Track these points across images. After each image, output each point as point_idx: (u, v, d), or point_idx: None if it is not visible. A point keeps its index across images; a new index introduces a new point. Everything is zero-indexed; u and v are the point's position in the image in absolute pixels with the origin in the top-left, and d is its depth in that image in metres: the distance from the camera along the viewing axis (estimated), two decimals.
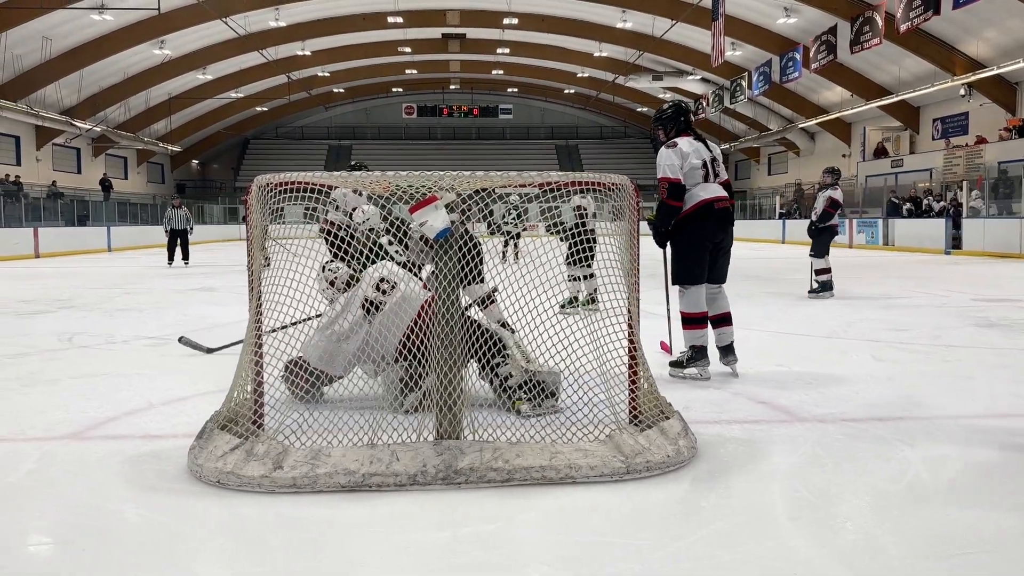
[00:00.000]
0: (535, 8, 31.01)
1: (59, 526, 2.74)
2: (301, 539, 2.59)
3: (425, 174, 3.27)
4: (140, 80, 31.82)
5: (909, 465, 3.24)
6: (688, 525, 2.70)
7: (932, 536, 2.57)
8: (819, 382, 4.81)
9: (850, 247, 23.84)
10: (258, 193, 3.39)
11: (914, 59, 24.71)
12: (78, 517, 2.78)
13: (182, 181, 47.12)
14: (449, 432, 3.29)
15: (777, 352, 5.97)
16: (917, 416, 4.04)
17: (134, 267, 17.61)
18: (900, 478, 3.09)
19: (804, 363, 5.51)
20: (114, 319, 8.23)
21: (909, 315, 8.00)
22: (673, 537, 2.59)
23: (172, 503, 2.90)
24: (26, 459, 3.40)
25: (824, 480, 3.08)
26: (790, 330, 7.24)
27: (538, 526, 2.68)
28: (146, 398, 4.52)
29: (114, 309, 9.11)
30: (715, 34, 24.26)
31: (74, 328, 7.53)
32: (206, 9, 25.43)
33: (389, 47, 37.01)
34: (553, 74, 42.14)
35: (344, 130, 50.45)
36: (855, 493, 2.94)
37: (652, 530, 2.65)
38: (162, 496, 2.96)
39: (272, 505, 2.86)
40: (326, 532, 2.63)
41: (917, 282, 11.62)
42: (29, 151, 30.41)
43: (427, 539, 2.58)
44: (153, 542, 2.58)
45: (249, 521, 2.75)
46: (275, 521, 2.74)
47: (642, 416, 3.50)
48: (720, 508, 2.83)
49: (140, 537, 2.63)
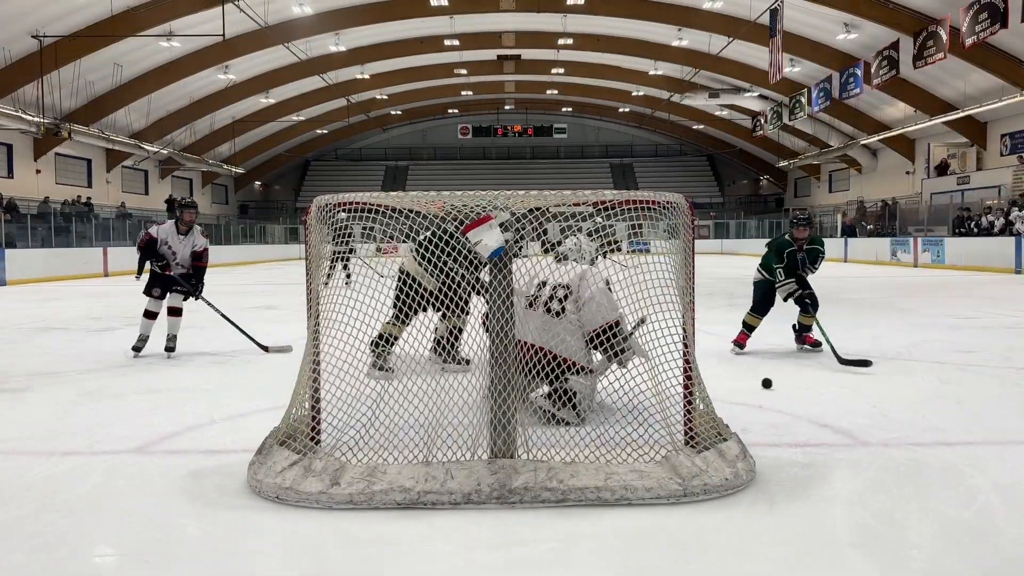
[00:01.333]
0: (590, 28, 31.08)
1: (123, 538, 2.81)
2: (359, 556, 2.61)
3: (479, 193, 3.29)
4: (205, 104, 32.79)
5: (979, 492, 3.12)
6: (747, 550, 2.64)
7: (1004, 567, 2.46)
8: (883, 405, 4.67)
9: (915, 266, 23.21)
10: (317, 213, 3.46)
11: (980, 73, 24.04)
12: (141, 530, 2.85)
13: (245, 202, 48.29)
14: (503, 451, 3.29)
15: (840, 373, 5.83)
16: (987, 441, 3.89)
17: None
18: (969, 505, 2.98)
19: (868, 385, 5.36)
20: (179, 336, 8.43)
21: (978, 336, 7.74)
22: (732, 562, 2.54)
23: (232, 518, 2.95)
24: (93, 472, 3.50)
25: (889, 506, 2.99)
26: (854, 350, 7.07)
27: (594, 548, 2.65)
28: (208, 413, 4.62)
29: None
30: (773, 51, 23.97)
31: None
32: (269, 35, 26.13)
33: (445, 69, 37.48)
34: (608, 93, 42.12)
35: (401, 151, 51.15)
36: (922, 520, 2.85)
37: (711, 554, 2.60)
38: (222, 511, 3.02)
39: (330, 521, 2.89)
40: (383, 549, 2.65)
41: (985, 302, 11.25)
42: (100, 173, 31.56)
43: (483, 558, 2.58)
44: (213, 556, 2.63)
45: (308, 537, 2.78)
46: (333, 537, 2.76)
47: (699, 437, 3.45)
48: (780, 533, 2.77)
49: (200, 551, 2.68)
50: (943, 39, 21.18)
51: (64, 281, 19.31)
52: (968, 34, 19.84)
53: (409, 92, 41.01)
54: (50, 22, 21.71)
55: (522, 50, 35.14)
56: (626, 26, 30.15)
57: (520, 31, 32.50)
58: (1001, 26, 18.63)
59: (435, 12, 27.76)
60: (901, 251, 24.90)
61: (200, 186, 41.79)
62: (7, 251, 18.65)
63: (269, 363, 6.52)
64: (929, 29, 21.88)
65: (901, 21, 23.04)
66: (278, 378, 5.55)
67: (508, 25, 31.95)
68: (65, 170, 29.24)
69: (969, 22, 19.71)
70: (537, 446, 3.36)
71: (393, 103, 42.99)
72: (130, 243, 25.38)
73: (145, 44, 24.95)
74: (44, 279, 19.12)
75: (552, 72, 38.53)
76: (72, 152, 29.28)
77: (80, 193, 28.53)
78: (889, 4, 22.68)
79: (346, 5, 26.89)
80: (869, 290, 14.29)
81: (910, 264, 23.77)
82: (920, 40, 22.29)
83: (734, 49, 28.82)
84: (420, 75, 37.63)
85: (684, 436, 3.50)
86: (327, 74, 33.05)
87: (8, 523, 2.90)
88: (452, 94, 43.86)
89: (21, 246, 20.47)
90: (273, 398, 4.87)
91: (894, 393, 5.05)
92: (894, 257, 25.19)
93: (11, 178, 26.00)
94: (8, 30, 20.94)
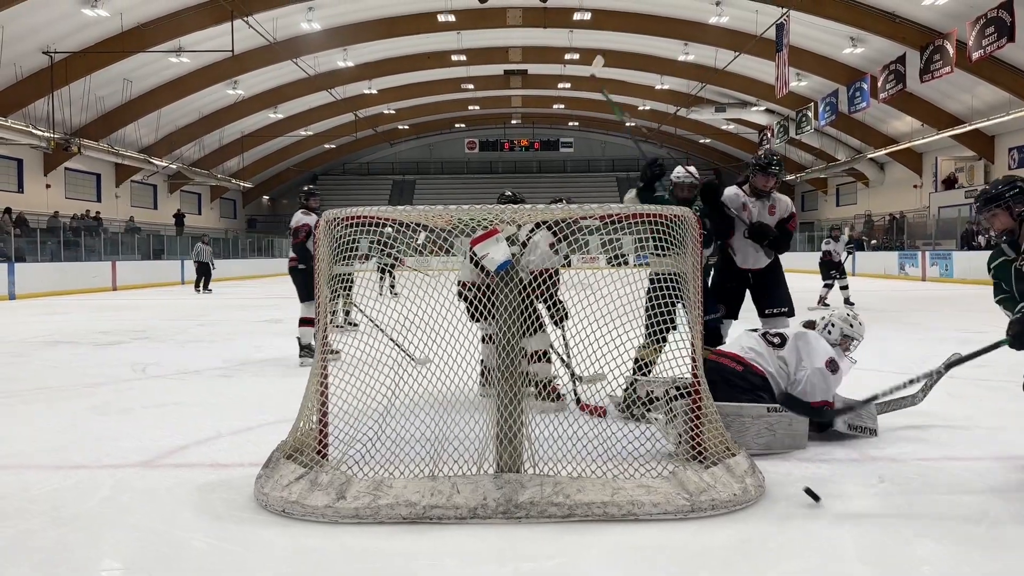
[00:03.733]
0: (596, 43, 31.18)
1: (130, 551, 2.81)
2: (364, 570, 2.60)
3: (487, 207, 3.30)
4: (214, 119, 32.99)
5: (990, 507, 3.10)
6: (756, 566, 2.62)
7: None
8: (892, 419, 4.64)
9: (923, 280, 23.13)
10: (327, 227, 3.47)
11: (988, 87, 24.02)
12: (149, 543, 2.84)
13: (253, 216, 48.47)
14: (509, 465, 3.28)
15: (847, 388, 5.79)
16: (997, 456, 3.86)
17: (205, 299, 18.12)
18: (980, 520, 2.96)
19: None
20: (186, 350, 8.46)
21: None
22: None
23: (239, 532, 2.94)
24: (101, 486, 3.51)
25: (898, 521, 2.97)
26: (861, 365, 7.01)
27: (601, 564, 2.64)
28: (215, 427, 4.63)
29: (186, 340, 9.37)
30: (779, 65, 24.01)
31: (147, 359, 7.76)
32: (278, 51, 26.30)
33: (452, 84, 37.66)
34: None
35: (408, 165, 51.35)
36: (932, 536, 2.82)
37: (718, 571, 2.59)
38: (229, 524, 3.01)
39: (335, 536, 2.88)
40: (389, 564, 2.64)
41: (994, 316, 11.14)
42: (109, 188, 31.74)
43: (489, 573, 2.57)
44: (219, 570, 2.63)
45: (313, 552, 2.77)
46: (339, 552, 2.76)
47: (707, 452, 3.43)
48: (789, 549, 2.75)
49: (207, 565, 2.67)
50: (950, 53, 21.19)
51: (73, 295, 19.38)
52: (975, 48, 19.84)
53: (416, 107, 41.20)
54: (61, 38, 21.91)
55: (529, 65, 35.30)
56: (632, 41, 30.26)
57: (527, 46, 32.67)
58: (1008, 40, 18.63)
59: (442, 28, 27.92)
60: (909, 265, 24.83)
61: (208, 200, 41.96)
62: (16, 265, 18.75)
63: (276, 377, 6.53)
64: (936, 43, 21.90)
65: (907, 35, 23.06)
66: (285, 392, 5.55)
67: (515, 40, 32.12)
68: (75, 185, 29.42)
69: (976, 36, 19.72)
70: (543, 460, 3.34)
71: (400, 118, 43.18)
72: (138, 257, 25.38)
73: (155, 60, 25.13)
74: (53, 293, 19.19)
75: (558, 87, 38.69)
76: (82, 167, 29.46)
77: (89, 208, 28.68)
78: (895, 18, 22.71)
79: (354, 21, 27.07)
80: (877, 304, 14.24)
81: (918, 278, 23.68)
82: (927, 54, 22.31)
83: (740, 64, 28.88)
84: (427, 90, 37.82)
85: (692, 451, 3.48)
86: (335, 89, 33.23)
87: (15, 537, 2.90)
88: (459, 109, 44.06)
89: (31, 260, 20.58)
90: (280, 412, 4.87)
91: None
92: (902, 271, 25.11)
93: (21, 193, 26.16)
94: (20, 47, 21.13)
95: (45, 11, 20.27)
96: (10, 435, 4.52)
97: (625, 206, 3.52)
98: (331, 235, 3.51)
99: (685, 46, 29.36)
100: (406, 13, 27.31)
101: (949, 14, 21.26)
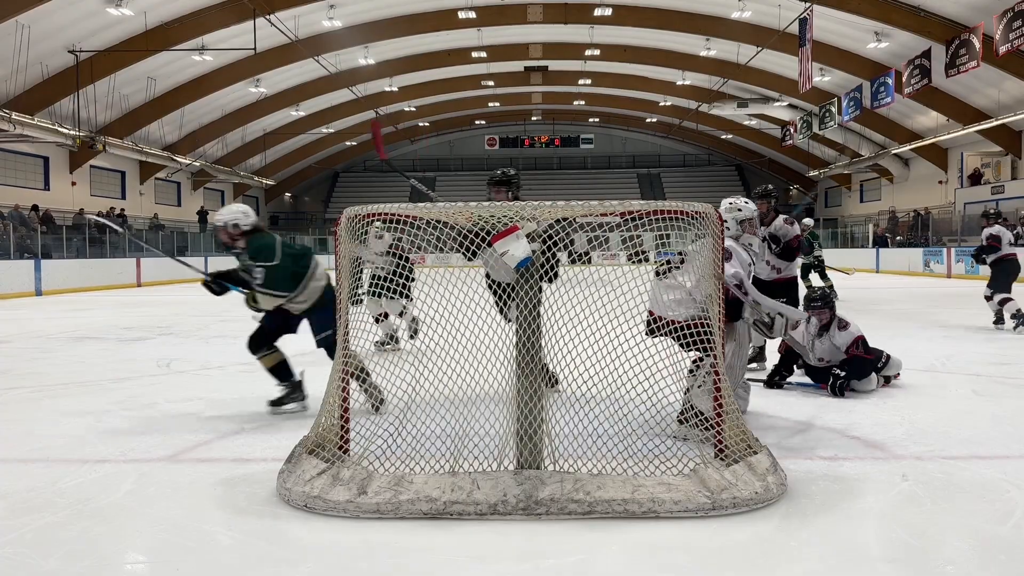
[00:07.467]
0: (617, 39, 31.08)
1: (155, 545, 2.84)
2: (385, 565, 2.61)
3: (507, 204, 3.30)
4: (237, 117, 33.24)
5: (1016, 507, 3.06)
6: (777, 565, 2.61)
7: None
8: (916, 417, 4.60)
9: (948, 276, 22.86)
10: (347, 224, 3.49)
11: (1015, 81, 23.66)
12: (173, 537, 2.88)
13: (275, 213, 48.79)
14: (530, 462, 3.28)
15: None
16: (1022, 455, 3.81)
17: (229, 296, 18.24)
18: (1005, 520, 2.92)
19: (900, 397, 5.28)
20: (209, 345, 8.54)
21: (1014, 348, 7.59)
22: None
23: (261, 526, 2.97)
24: (126, 479, 3.55)
25: (923, 521, 2.94)
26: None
27: (621, 561, 2.63)
28: (238, 422, 4.67)
29: (209, 336, 9.45)
30: (802, 60, 23.79)
31: (172, 354, 7.84)
32: (300, 49, 26.44)
33: (473, 81, 37.68)
34: (635, 103, 42.06)
35: (428, 162, 51.44)
36: (957, 535, 2.79)
37: (739, 569, 2.57)
38: (252, 519, 3.04)
39: (357, 530, 2.90)
40: (409, 559, 2.65)
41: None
42: (133, 185, 32.08)
43: (508, 570, 2.57)
44: (242, 564, 2.65)
45: (335, 546, 2.79)
46: (360, 547, 2.77)
47: (728, 450, 3.41)
48: (811, 548, 2.73)
49: (230, 559, 2.70)
50: (976, 47, 20.90)
51: (98, 291, 19.62)
52: (1002, 42, 19.56)
53: (437, 104, 41.29)
54: (86, 37, 22.17)
55: (549, 61, 35.24)
56: (654, 37, 30.12)
57: (547, 43, 32.62)
58: None
59: (463, 24, 27.94)
60: (934, 261, 24.54)
61: (232, 197, 42.30)
62: (43, 262, 19.00)
63: (298, 373, 6.56)
64: (961, 37, 21.61)
65: (933, 29, 22.77)
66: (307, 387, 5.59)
67: (535, 37, 32.08)
68: (100, 182, 29.75)
69: (1003, 30, 19.44)
70: (564, 457, 3.34)
71: (421, 115, 43.29)
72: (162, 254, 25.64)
73: (178, 58, 25.36)
74: (78, 289, 19.44)
75: (579, 83, 38.57)
76: (106, 165, 29.80)
77: (114, 205, 28.99)
78: (920, 12, 22.44)
79: (375, 19, 27.16)
80: (902, 301, 14.10)
81: (943, 275, 23.41)
82: (952, 48, 22.01)
83: (763, 59, 28.65)
84: (448, 87, 37.88)
85: (713, 449, 3.47)
86: (356, 87, 33.35)
87: (41, 530, 2.94)
88: (479, 106, 44.07)
89: (56, 257, 20.84)
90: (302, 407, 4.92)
91: (927, 405, 4.97)
92: (927, 268, 24.83)
93: (47, 190, 26.49)
94: (46, 46, 21.40)
95: (70, 10, 20.52)
96: (36, 429, 4.59)
97: (647, 203, 3.50)
98: (351, 232, 3.52)
99: (707, 41, 29.16)
100: (427, 10, 27.37)
101: (976, 8, 20.99)
